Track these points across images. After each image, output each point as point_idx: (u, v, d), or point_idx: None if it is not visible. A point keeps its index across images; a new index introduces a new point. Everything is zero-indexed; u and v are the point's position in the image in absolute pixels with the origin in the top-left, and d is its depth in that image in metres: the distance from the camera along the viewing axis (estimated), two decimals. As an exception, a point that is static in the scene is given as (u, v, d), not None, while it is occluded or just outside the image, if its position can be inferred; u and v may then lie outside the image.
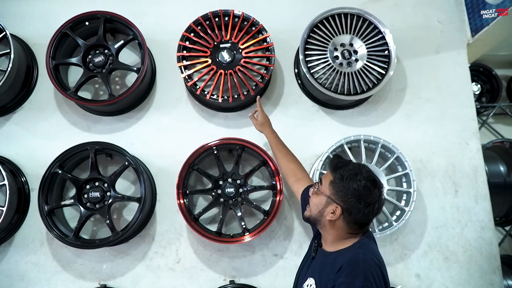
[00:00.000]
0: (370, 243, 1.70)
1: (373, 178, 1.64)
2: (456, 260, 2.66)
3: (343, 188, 1.62)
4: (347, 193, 1.61)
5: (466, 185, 2.74)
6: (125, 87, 2.75)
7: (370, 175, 1.65)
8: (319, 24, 2.62)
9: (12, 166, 2.61)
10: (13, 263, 2.55)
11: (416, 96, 2.83)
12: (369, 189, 1.61)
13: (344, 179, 1.63)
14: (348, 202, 1.62)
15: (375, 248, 1.71)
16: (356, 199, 1.60)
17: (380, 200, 1.65)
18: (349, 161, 1.73)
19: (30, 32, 2.79)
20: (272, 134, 2.33)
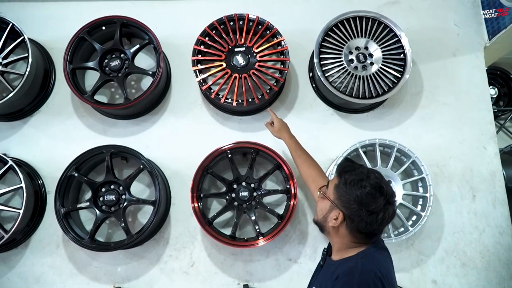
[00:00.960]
0: (376, 253, 1.58)
1: (380, 185, 1.52)
2: (473, 266, 2.62)
3: (345, 194, 1.54)
4: (349, 199, 1.52)
5: (484, 190, 2.70)
6: (140, 91, 2.77)
7: (378, 182, 1.53)
8: (334, 28, 2.61)
9: (29, 169, 2.64)
10: (29, 265, 2.58)
11: (432, 99, 2.80)
12: (373, 197, 1.50)
13: (348, 184, 1.54)
14: (350, 209, 1.53)
15: (382, 259, 1.59)
16: (358, 206, 1.50)
17: (386, 209, 1.52)
18: (359, 166, 1.64)
19: (47, 36, 2.84)
20: (291, 140, 2.25)
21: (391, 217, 1.54)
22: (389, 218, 1.53)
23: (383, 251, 1.63)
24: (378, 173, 1.58)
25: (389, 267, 1.57)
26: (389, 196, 1.52)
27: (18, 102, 2.60)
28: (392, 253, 2.55)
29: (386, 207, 1.51)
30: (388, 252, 1.66)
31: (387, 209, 1.51)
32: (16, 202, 2.64)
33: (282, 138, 2.30)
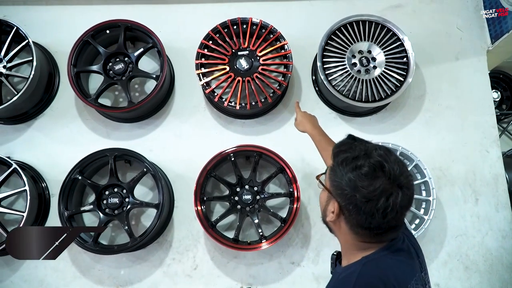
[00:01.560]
0: (387, 257, 1.25)
1: (381, 163, 1.15)
2: (476, 270, 2.61)
3: (339, 178, 1.19)
4: (342, 184, 1.18)
5: (487, 194, 2.70)
6: (144, 94, 2.78)
7: (380, 160, 1.16)
8: (337, 31, 2.62)
9: (33, 172, 2.65)
10: (32, 268, 2.58)
11: (435, 103, 2.80)
12: (370, 178, 1.14)
13: (341, 164, 1.20)
14: (343, 197, 1.18)
15: (393, 265, 1.25)
16: (352, 190, 1.16)
17: (391, 194, 1.14)
18: (361, 143, 1.29)
19: (52, 40, 2.85)
20: (313, 131, 2.00)
21: (402, 206, 1.16)
22: (396, 205, 1.14)
23: (400, 253, 1.28)
24: (385, 150, 1.21)
25: (403, 274, 1.25)
26: (394, 177, 1.15)
27: (22, 105, 2.61)
28: (395, 256, 2.57)
29: (390, 192, 1.14)
30: (410, 256, 1.31)
31: (391, 194, 1.14)
32: (20, 205, 2.65)
33: (305, 131, 2.08)
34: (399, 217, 1.19)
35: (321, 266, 2.58)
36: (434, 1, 2.93)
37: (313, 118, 2.13)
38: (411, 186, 1.19)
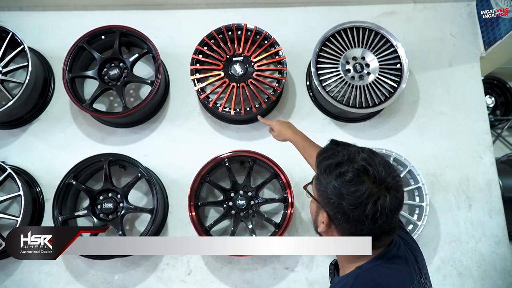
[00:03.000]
0: (381, 267, 1.21)
1: (364, 167, 1.12)
2: (470, 276, 2.62)
3: (323, 187, 1.16)
4: (327, 192, 1.14)
5: (480, 200, 2.71)
6: (139, 99, 2.79)
7: (363, 164, 1.12)
8: (331, 38, 2.63)
9: (27, 177, 2.65)
10: (26, 273, 2.58)
11: (428, 109, 2.82)
12: (355, 184, 1.09)
13: (324, 172, 1.16)
14: (331, 206, 1.15)
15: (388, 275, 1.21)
16: (338, 199, 1.12)
17: (379, 198, 1.10)
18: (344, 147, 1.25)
19: (47, 45, 2.86)
20: (295, 138, 1.93)
21: (391, 209, 1.11)
22: (385, 209, 1.10)
23: (396, 260, 1.23)
24: (370, 152, 1.18)
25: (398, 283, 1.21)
26: (380, 180, 1.11)
27: (17, 110, 2.62)
28: (389, 262, 2.58)
29: (378, 196, 1.10)
30: (406, 263, 1.26)
31: (378, 198, 1.09)
32: (14, 209, 2.64)
33: (286, 140, 2.01)
34: (391, 221, 1.14)
35: (315, 271, 2.58)
36: (428, 8, 2.96)
37: (290, 124, 2.03)
38: (399, 187, 1.14)
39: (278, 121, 2.08)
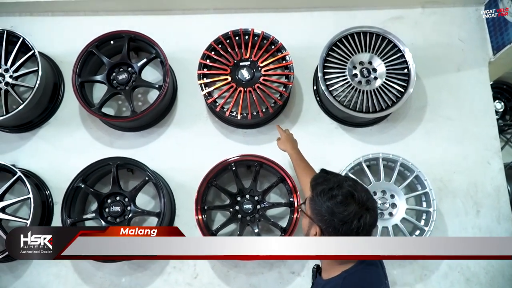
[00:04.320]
0: (363, 271, 1.49)
1: (351, 192, 1.44)
2: (477, 282, 2.60)
3: (318, 206, 1.46)
4: (322, 211, 1.45)
5: (488, 205, 2.69)
6: (147, 103, 2.81)
7: (350, 190, 1.44)
8: (338, 43, 2.64)
9: (37, 180, 2.68)
10: (35, 275, 2.61)
11: (436, 114, 2.81)
12: (344, 205, 1.41)
13: (319, 195, 1.47)
14: (323, 221, 1.45)
15: (368, 278, 1.50)
16: (330, 216, 1.42)
17: (361, 217, 1.42)
18: (333, 176, 1.54)
19: (57, 50, 2.90)
20: (292, 150, 2.24)
21: (370, 224, 1.44)
22: (366, 225, 1.42)
23: (371, 266, 1.53)
24: (353, 181, 1.51)
25: (375, 284, 1.50)
26: (362, 202, 1.43)
27: (27, 114, 2.66)
28: (395, 267, 2.58)
29: (361, 214, 1.42)
30: (377, 267, 1.56)
31: (362, 216, 1.42)
32: (24, 212, 2.68)
33: (286, 150, 2.30)
34: (369, 234, 1.47)
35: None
36: (436, 13, 2.95)
37: (295, 141, 2.35)
38: (376, 208, 1.47)
39: (288, 134, 2.38)
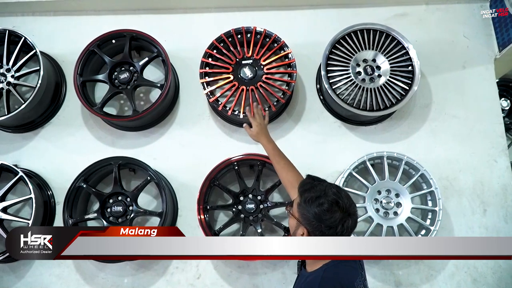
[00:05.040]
0: (340, 265, 1.63)
1: (336, 200, 1.59)
2: (484, 282, 2.56)
3: (306, 212, 1.60)
4: (309, 216, 1.59)
5: (495, 204, 2.65)
6: (149, 103, 2.80)
7: (334, 198, 1.60)
8: (341, 40, 2.61)
9: (39, 180, 2.68)
10: (37, 275, 2.60)
11: (441, 112, 2.77)
12: (331, 212, 1.57)
13: (307, 202, 1.60)
14: (311, 225, 1.59)
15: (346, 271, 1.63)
16: (317, 222, 1.58)
17: (345, 222, 1.59)
18: (319, 183, 1.68)
19: (59, 49, 2.90)
20: (269, 144, 2.16)
21: (351, 227, 1.61)
22: (348, 228, 1.60)
23: (350, 262, 1.67)
24: (336, 188, 1.65)
25: (353, 279, 1.60)
26: (346, 209, 1.59)
27: (29, 114, 2.65)
28: (401, 267, 2.55)
29: (344, 220, 1.58)
30: (355, 262, 1.68)
31: (345, 221, 1.58)
32: (26, 212, 2.67)
33: (260, 142, 2.20)
34: (349, 235, 1.64)
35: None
36: (440, 9, 2.91)
37: (266, 129, 2.25)
38: (356, 212, 1.63)
39: (260, 122, 2.25)
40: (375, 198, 2.46)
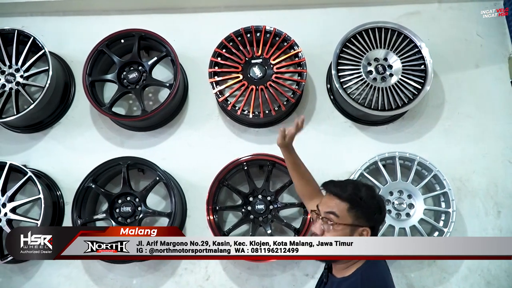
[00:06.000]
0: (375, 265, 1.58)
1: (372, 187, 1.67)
2: (498, 285, 2.51)
3: (366, 209, 1.59)
4: (371, 211, 1.60)
5: (509, 206, 2.60)
6: (158, 102, 2.78)
7: (371, 185, 1.70)
8: (352, 39, 2.58)
9: (48, 180, 2.67)
10: (46, 276, 2.59)
11: (454, 112, 2.72)
12: (382, 199, 1.66)
13: (364, 200, 1.59)
14: (374, 220, 1.61)
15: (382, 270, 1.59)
16: (378, 212, 1.61)
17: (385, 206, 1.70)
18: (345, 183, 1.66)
19: (68, 49, 2.89)
20: (293, 152, 2.05)
21: None
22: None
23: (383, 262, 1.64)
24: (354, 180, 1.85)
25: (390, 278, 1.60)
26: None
27: (38, 114, 2.64)
28: (413, 270, 2.51)
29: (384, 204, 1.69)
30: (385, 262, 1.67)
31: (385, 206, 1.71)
32: (35, 213, 2.67)
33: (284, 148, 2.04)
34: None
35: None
36: (453, 8, 2.87)
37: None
38: None
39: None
40: (387, 199, 2.42)
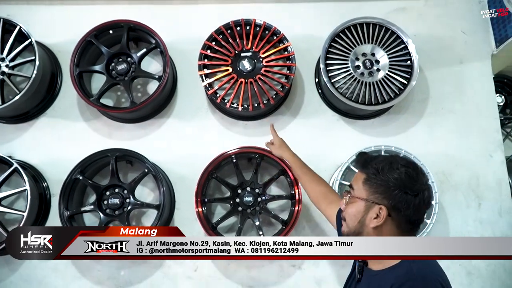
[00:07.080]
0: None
1: (411, 161, 1.40)
2: (478, 275, 2.59)
3: (382, 182, 1.35)
4: (389, 186, 1.34)
5: (490, 198, 2.68)
6: (146, 94, 2.77)
7: (408, 160, 1.40)
8: (340, 34, 2.60)
9: (34, 172, 2.64)
10: (32, 268, 2.57)
11: (438, 107, 2.79)
12: (413, 175, 1.34)
13: (380, 171, 1.36)
14: (392, 197, 1.33)
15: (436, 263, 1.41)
16: (400, 190, 1.32)
17: (430, 187, 1.37)
18: (379, 154, 1.54)
19: (55, 39, 2.84)
20: (294, 157, 2.19)
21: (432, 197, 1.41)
22: (431, 199, 1.39)
23: None
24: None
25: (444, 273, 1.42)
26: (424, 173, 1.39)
27: (24, 104, 2.60)
28: (397, 261, 2.56)
29: (427, 185, 1.36)
30: None
31: (428, 188, 1.36)
32: (21, 204, 2.64)
33: (283, 156, 2.26)
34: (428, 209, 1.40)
35: (322, 269, 2.56)
36: (439, 5, 2.92)
37: (285, 142, 2.30)
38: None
39: (280, 138, 2.31)
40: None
